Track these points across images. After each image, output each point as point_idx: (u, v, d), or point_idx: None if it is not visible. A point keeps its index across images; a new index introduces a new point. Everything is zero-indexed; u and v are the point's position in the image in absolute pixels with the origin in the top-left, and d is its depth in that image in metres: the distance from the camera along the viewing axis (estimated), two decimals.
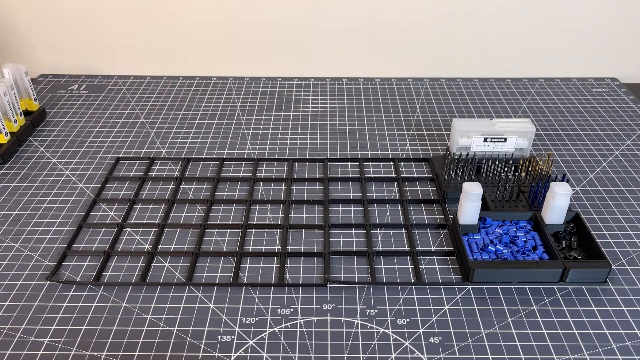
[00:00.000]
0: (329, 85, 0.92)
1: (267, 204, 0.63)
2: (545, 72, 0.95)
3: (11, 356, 0.45)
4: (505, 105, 0.85)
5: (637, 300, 0.51)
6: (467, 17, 0.92)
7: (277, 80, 0.93)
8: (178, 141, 0.75)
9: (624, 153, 0.73)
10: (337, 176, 0.68)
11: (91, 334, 0.47)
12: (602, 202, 0.64)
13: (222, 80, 0.93)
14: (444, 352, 0.46)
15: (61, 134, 0.77)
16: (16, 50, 0.96)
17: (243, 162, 0.71)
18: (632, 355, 0.45)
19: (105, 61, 0.96)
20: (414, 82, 0.93)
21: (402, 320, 0.48)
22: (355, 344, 0.46)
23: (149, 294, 0.51)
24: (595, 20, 0.92)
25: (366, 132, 0.78)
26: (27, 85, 0.78)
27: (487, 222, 0.57)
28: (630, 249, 0.57)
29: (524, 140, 0.65)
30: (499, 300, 0.51)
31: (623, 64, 0.97)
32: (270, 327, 0.48)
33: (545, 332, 0.47)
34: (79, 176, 0.68)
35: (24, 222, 0.60)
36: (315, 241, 0.58)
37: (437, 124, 0.80)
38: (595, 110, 0.84)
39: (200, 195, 0.65)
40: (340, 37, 0.94)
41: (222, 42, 0.94)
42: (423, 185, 0.67)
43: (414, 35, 0.94)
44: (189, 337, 0.47)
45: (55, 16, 0.92)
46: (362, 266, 0.55)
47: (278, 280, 0.53)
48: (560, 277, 0.52)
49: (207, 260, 0.55)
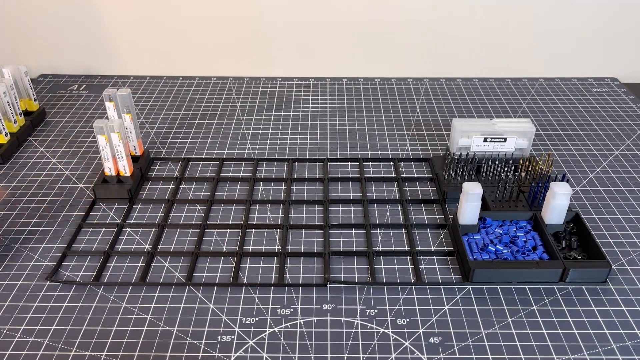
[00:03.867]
0: (329, 85, 0.92)
1: (267, 204, 0.63)
2: (545, 72, 0.95)
3: (11, 356, 0.45)
4: (505, 105, 0.85)
5: (637, 300, 0.51)
6: (467, 17, 0.92)
7: (277, 80, 0.93)
8: (178, 141, 0.75)
9: (624, 153, 0.73)
10: (337, 176, 0.68)
11: (91, 334, 0.47)
12: (602, 202, 0.64)
13: (222, 80, 0.93)
14: (444, 352, 0.46)
15: (61, 134, 0.77)
16: (16, 50, 0.95)
17: (243, 162, 0.71)
18: (633, 355, 0.45)
19: (105, 61, 0.96)
20: (414, 82, 0.93)
21: (402, 321, 0.48)
22: (355, 344, 0.46)
23: (148, 294, 0.51)
24: (595, 20, 0.92)
25: (366, 132, 0.78)
26: (27, 86, 0.78)
27: (487, 222, 0.57)
28: (630, 249, 0.57)
29: (524, 140, 0.65)
30: (499, 300, 0.51)
31: (623, 64, 0.97)
32: (270, 327, 0.48)
33: (545, 332, 0.47)
34: (79, 176, 0.68)
35: (23, 222, 0.60)
36: (315, 241, 0.58)
37: (437, 124, 0.80)
38: (595, 110, 0.84)
39: (200, 195, 0.65)
40: (340, 37, 0.94)
41: (222, 42, 0.94)
42: (423, 185, 0.67)
43: (414, 35, 0.94)
44: (189, 337, 0.47)
45: (55, 16, 0.92)
46: (362, 266, 0.55)
47: (278, 281, 0.53)
48: (560, 277, 0.52)
49: (207, 260, 0.55)
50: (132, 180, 0.63)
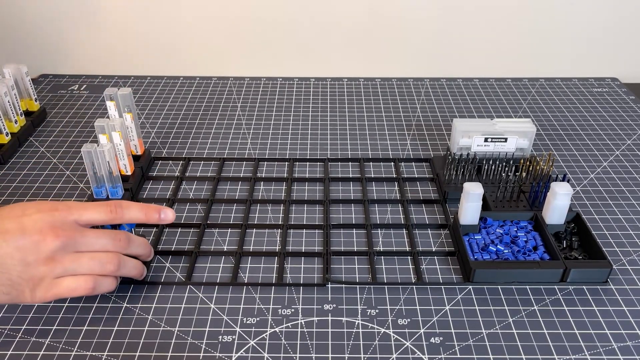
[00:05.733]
0: (329, 85, 0.92)
1: (267, 203, 0.63)
2: (545, 72, 0.95)
3: (12, 356, 0.45)
4: (506, 105, 0.85)
5: (638, 300, 0.51)
6: (468, 17, 0.92)
7: (277, 80, 0.93)
8: (178, 141, 0.75)
9: (625, 153, 0.73)
10: (338, 176, 0.68)
11: (92, 334, 0.47)
12: (603, 202, 0.64)
13: (222, 80, 0.93)
14: (445, 352, 0.46)
15: (62, 134, 0.77)
16: (16, 50, 0.95)
17: (244, 162, 0.71)
18: (633, 355, 0.45)
19: (106, 61, 0.96)
20: (414, 82, 0.93)
21: (403, 321, 0.48)
22: (356, 344, 0.46)
23: (149, 294, 0.51)
24: (595, 20, 0.92)
25: (366, 132, 0.78)
26: (27, 86, 0.78)
27: (487, 222, 0.57)
28: (631, 249, 0.57)
29: (525, 140, 0.65)
30: (500, 301, 0.51)
31: (623, 64, 0.97)
32: (271, 327, 0.48)
33: (546, 332, 0.47)
34: (79, 176, 0.68)
35: None
36: (315, 241, 0.58)
37: (437, 124, 0.80)
38: (596, 110, 0.84)
39: (200, 195, 0.65)
40: (341, 37, 0.94)
41: (223, 42, 0.94)
42: (424, 185, 0.67)
43: (414, 35, 0.94)
44: (190, 337, 0.47)
45: (56, 16, 0.92)
46: (363, 266, 0.55)
47: (278, 280, 0.53)
48: (561, 277, 0.52)
49: (207, 260, 0.55)
50: (133, 180, 0.63)
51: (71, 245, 0.45)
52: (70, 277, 0.45)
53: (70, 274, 0.45)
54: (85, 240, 0.46)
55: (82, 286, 0.45)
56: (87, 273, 0.46)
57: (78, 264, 0.45)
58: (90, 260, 0.46)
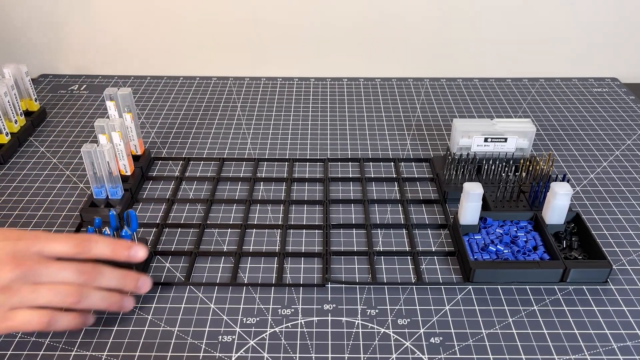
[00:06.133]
0: (329, 85, 0.92)
1: (267, 204, 0.63)
2: (545, 72, 0.95)
3: (12, 356, 0.45)
4: (506, 105, 0.85)
5: (637, 300, 0.51)
6: (468, 17, 0.92)
7: (277, 80, 0.93)
8: (178, 141, 0.75)
9: (624, 153, 0.73)
10: (338, 176, 0.68)
11: (92, 334, 0.47)
12: (603, 202, 0.64)
13: (222, 80, 0.93)
14: (445, 352, 0.46)
15: (61, 134, 0.77)
16: (16, 50, 0.95)
17: (243, 162, 0.71)
18: (633, 355, 0.45)
19: (106, 61, 0.96)
20: (414, 82, 0.93)
21: (403, 321, 0.48)
22: (356, 344, 0.46)
23: (149, 294, 0.51)
24: (595, 20, 0.92)
25: (366, 132, 0.78)
26: (27, 86, 0.78)
27: (487, 222, 0.57)
28: (631, 249, 0.57)
29: (525, 140, 0.65)
30: (500, 301, 0.51)
31: (623, 64, 0.97)
32: (271, 327, 0.48)
33: (546, 332, 0.47)
34: (79, 176, 0.68)
35: (24, 223, 0.60)
36: (315, 241, 0.58)
37: (437, 124, 0.80)
38: (596, 110, 0.84)
39: (200, 195, 0.65)
40: (340, 37, 0.94)
41: (223, 42, 0.94)
42: (423, 185, 0.67)
43: (414, 35, 0.94)
44: (190, 337, 0.47)
45: (56, 16, 0.92)
46: (363, 266, 0.55)
47: (277, 281, 0.53)
48: (561, 277, 0.52)
49: (207, 260, 0.55)
50: (133, 180, 0.63)
51: (31, 276, 0.43)
52: (26, 309, 0.43)
53: (28, 305, 0.43)
54: (46, 272, 0.44)
55: (35, 320, 0.43)
56: (46, 305, 0.43)
57: (36, 295, 0.43)
58: (48, 291, 0.43)
